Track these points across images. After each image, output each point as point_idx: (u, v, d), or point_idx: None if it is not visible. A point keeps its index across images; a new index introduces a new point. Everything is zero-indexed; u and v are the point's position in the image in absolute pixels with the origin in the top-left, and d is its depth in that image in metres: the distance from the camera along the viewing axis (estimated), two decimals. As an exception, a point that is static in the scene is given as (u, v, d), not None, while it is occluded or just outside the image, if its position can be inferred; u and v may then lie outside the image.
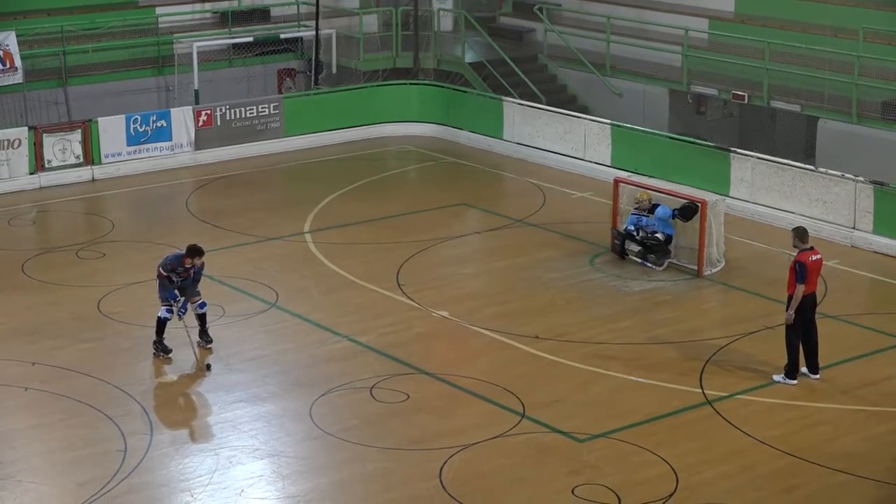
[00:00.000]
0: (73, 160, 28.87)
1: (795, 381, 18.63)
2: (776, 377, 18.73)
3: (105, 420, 17.58)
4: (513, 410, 17.87)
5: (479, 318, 21.07)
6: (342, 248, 24.44)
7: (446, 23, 36.08)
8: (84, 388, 18.51)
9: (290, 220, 26.03)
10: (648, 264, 23.11)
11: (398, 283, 22.66)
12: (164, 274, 19.38)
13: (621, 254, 23.47)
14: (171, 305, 19.45)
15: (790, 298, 18.45)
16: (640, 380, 18.88)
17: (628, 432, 17.25)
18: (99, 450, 16.80)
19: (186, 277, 19.50)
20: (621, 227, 23.55)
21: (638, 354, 19.80)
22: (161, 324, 19.51)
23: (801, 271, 18.26)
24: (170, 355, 19.49)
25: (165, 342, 19.55)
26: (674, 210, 23.19)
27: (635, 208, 23.49)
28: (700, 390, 18.53)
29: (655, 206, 23.30)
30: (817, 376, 18.76)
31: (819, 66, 28.95)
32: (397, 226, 25.76)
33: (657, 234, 23.06)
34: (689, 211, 23.03)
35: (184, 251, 19.44)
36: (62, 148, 28.72)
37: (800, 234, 18.67)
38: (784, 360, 18.69)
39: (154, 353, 19.57)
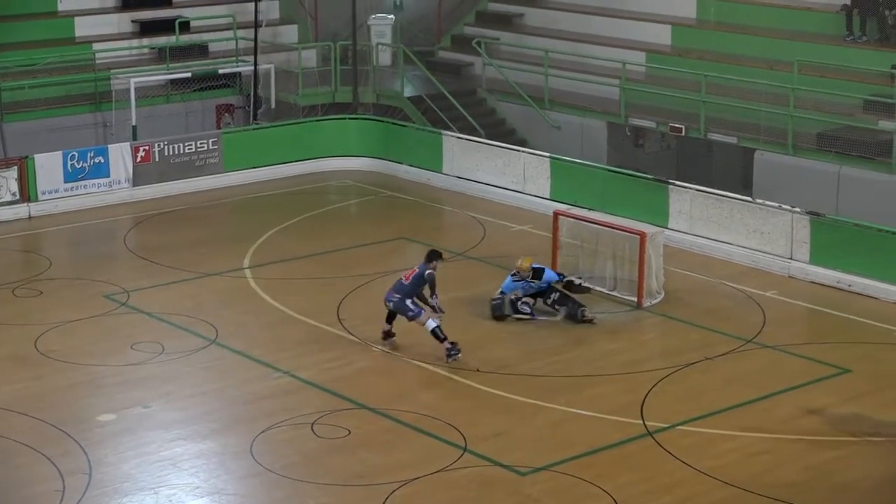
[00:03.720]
0: (8, 197, 28.59)
1: None
2: None
3: (43, 460, 17.38)
4: (455, 444, 17.84)
5: (419, 353, 21.03)
6: (282, 284, 24.36)
7: (385, 57, 36.14)
8: (21, 428, 18.30)
9: (229, 256, 25.92)
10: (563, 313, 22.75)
11: (339, 317, 22.61)
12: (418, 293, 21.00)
13: (504, 314, 22.73)
14: (430, 315, 20.80)
15: None
16: (581, 412, 18.91)
17: (570, 465, 17.27)
18: (37, 490, 16.60)
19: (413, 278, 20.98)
20: (501, 292, 22.80)
21: (579, 386, 19.84)
22: (438, 331, 20.78)
23: None
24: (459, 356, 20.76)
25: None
26: (560, 275, 22.94)
27: (515, 276, 22.67)
28: (641, 422, 18.58)
29: (540, 269, 22.67)
30: None
31: (755, 99, 29.22)
32: (338, 260, 25.71)
33: (553, 294, 22.64)
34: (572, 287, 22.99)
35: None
36: (-2, 185, 28.51)
37: None
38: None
39: (451, 354, 20.70)
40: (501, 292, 22.79)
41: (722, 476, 16.95)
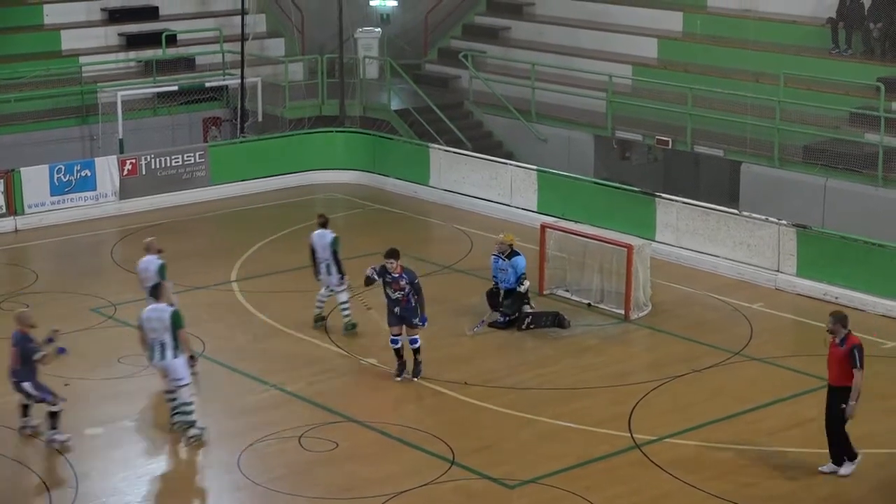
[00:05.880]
0: (-5, 211, 28.61)
1: (857, 460, 17.46)
2: (844, 470, 17.37)
3: (29, 473, 17.34)
4: (442, 457, 17.84)
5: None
6: (269, 297, 24.34)
7: (372, 70, 36.18)
8: (8, 442, 18.25)
9: (216, 269, 25.89)
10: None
11: (326, 330, 22.58)
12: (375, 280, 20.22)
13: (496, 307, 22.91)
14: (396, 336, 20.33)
15: (847, 389, 17.06)
16: (568, 424, 18.91)
17: (558, 477, 17.27)
18: (23, 504, 16.59)
19: (398, 289, 20.00)
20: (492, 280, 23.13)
21: (566, 399, 19.84)
22: (395, 351, 20.49)
23: (860, 355, 16.91)
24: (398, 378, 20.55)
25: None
26: (522, 275, 22.69)
27: (497, 251, 23.05)
28: (629, 434, 18.59)
29: (516, 253, 22.91)
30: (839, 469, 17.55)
31: (741, 111, 29.30)
32: (325, 273, 25.66)
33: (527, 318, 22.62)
34: (540, 319, 22.74)
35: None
36: (-16, 199, 28.46)
37: (842, 319, 17.14)
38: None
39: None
40: (493, 279, 22.97)
41: (709, 488, 16.96)
